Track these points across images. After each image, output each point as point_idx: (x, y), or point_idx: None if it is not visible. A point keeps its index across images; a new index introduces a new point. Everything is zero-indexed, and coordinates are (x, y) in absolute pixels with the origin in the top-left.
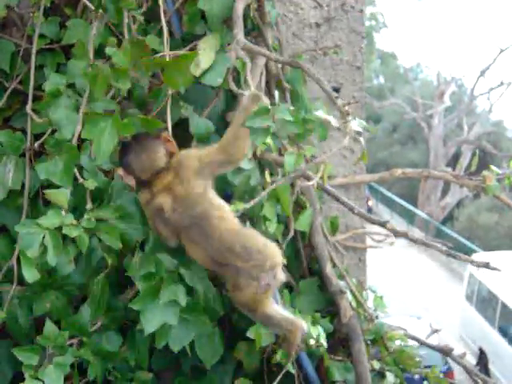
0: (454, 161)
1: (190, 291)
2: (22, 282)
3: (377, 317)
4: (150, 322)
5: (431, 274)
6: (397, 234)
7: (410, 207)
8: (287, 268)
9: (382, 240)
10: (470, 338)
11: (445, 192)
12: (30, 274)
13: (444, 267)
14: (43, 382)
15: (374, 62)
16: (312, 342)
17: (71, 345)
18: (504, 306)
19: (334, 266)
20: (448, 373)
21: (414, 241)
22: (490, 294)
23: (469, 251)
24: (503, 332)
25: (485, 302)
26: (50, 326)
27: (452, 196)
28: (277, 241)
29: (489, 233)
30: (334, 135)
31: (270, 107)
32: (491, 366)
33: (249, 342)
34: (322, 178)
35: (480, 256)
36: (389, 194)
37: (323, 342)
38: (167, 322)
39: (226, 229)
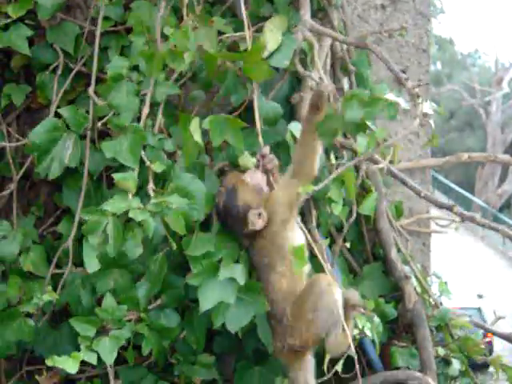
0: (511, 148)
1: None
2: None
3: (441, 303)
4: (207, 299)
5: (488, 262)
6: (464, 217)
7: (467, 194)
8: (350, 252)
9: (446, 225)
10: None
11: (502, 179)
12: (91, 264)
13: (500, 255)
14: (97, 353)
15: (431, 48)
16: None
17: (129, 320)
18: None
19: (399, 250)
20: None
21: (481, 224)
22: None
23: None
24: None
25: None
26: (109, 300)
27: (509, 183)
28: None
29: None
30: (400, 118)
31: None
32: None
33: None
34: (391, 161)
35: None
36: (446, 181)
37: (368, 332)
38: (224, 300)
39: (279, 288)
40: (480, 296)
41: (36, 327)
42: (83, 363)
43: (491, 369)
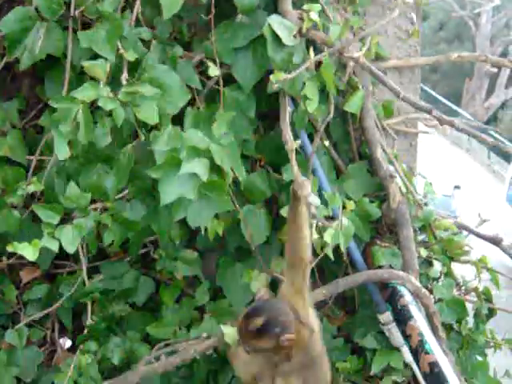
0: None
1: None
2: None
3: (426, 204)
4: (168, 193)
5: (473, 175)
6: (442, 121)
7: (454, 107)
8: (336, 151)
9: (434, 125)
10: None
11: (489, 93)
12: (61, 151)
13: (486, 168)
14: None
15: None
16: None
17: (95, 209)
18: None
19: (384, 150)
20: None
21: (459, 130)
22: None
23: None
24: None
25: None
26: (73, 188)
27: (497, 97)
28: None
29: None
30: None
31: None
32: None
33: None
34: (377, 58)
35: None
36: (433, 93)
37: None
38: (184, 195)
39: None
40: (457, 187)
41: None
42: (64, 258)
43: None
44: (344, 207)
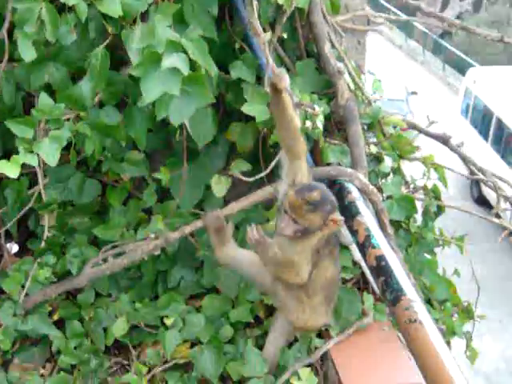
0: None
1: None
2: (12, 58)
3: (374, 101)
4: (151, 91)
5: (428, 86)
6: (409, 4)
7: (409, 18)
8: (283, 49)
9: (381, 23)
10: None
11: (444, 5)
12: (27, 53)
13: (441, 81)
14: (37, 155)
15: None
16: (308, 124)
17: (68, 120)
18: (498, 120)
19: (333, 47)
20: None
21: (426, 14)
22: (485, 109)
23: (466, 65)
24: (496, 146)
25: (479, 117)
26: (44, 99)
27: (451, 9)
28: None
29: (486, 48)
30: None
31: None
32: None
33: (243, 122)
34: None
35: (477, 70)
36: (388, 5)
37: (320, 124)
38: (168, 91)
39: None
40: (413, 92)
41: None
42: None
43: None
44: None
